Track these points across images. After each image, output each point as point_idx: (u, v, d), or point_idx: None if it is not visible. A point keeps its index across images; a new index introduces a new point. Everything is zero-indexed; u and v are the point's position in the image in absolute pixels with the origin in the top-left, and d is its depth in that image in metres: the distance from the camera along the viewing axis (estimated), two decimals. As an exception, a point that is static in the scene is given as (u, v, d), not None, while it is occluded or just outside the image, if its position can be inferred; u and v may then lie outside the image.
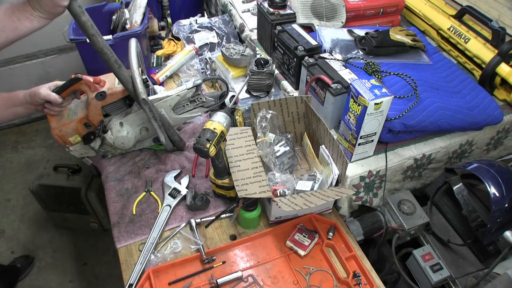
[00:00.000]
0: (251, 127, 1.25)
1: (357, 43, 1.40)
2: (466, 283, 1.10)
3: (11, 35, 0.94)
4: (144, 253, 1.07)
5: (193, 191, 1.20)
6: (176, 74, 1.69)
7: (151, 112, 1.13)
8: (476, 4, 1.53)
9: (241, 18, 1.77)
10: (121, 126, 1.22)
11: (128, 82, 1.11)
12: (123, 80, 1.10)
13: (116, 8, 1.69)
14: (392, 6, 1.59)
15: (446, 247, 1.21)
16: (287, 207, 0.98)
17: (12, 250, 2.19)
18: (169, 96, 1.18)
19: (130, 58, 1.13)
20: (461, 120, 1.20)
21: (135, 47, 1.16)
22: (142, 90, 1.09)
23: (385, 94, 1.00)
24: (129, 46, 1.16)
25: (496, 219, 1.05)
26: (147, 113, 1.13)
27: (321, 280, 1.04)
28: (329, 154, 1.15)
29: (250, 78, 1.37)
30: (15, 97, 1.18)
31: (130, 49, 1.15)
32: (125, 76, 1.10)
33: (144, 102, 1.10)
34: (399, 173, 1.24)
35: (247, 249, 1.11)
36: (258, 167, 1.11)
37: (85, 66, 1.55)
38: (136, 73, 1.10)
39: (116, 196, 1.24)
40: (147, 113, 1.13)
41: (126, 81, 1.11)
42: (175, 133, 1.27)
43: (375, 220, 1.23)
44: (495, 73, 1.34)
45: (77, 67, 2.56)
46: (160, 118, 1.16)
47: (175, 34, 1.80)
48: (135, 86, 1.10)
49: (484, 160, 1.19)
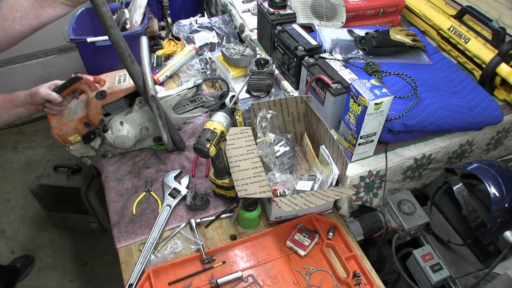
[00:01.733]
0: (251, 127, 1.25)
1: (357, 43, 1.40)
2: (466, 283, 1.10)
3: (34, 23, 0.93)
4: (144, 253, 1.07)
5: (193, 191, 1.20)
6: (176, 74, 1.69)
7: (158, 109, 1.13)
8: (476, 4, 1.53)
9: (241, 18, 1.77)
10: (121, 125, 1.22)
11: (139, 77, 1.11)
12: (135, 75, 1.10)
13: (116, 8, 1.69)
14: (392, 6, 1.59)
15: (446, 247, 1.21)
16: (287, 207, 0.98)
17: (12, 250, 2.19)
18: (170, 96, 1.18)
19: (142, 55, 1.13)
20: (461, 120, 1.20)
21: (146, 44, 1.16)
22: (152, 87, 1.10)
23: (385, 94, 1.00)
24: (140, 43, 1.17)
25: (496, 219, 1.05)
26: (153, 110, 1.13)
27: (321, 280, 1.04)
28: (329, 154, 1.15)
29: (250, 78, 1.37)
30: (16, 98, 1.17)
31: (141, 46, 1.15)
32: (137, 71, 1.10)
33: (153, 99, 1.10)
34: (399, 173, 1.24)
35: (247, 249, 1.11)
36: (258, 167, 1.11)
37: (85, 66, 1.55)
38: (147, 69, 1.10)
39: (116, 196, 1.24)
40: (154, 110, 1.13)
41: (137, 76, 1.11)
42: (176, 133, 1.27)
43: (375, 220, 1.23)
44: (495, 73, 1.34)
45: (77, 67, 2.56)
46: (165, 117, 1.16)
47: (175, 34, 1.80)
48: (146, 82, 1.10)
49: (484, 160, 1.19)
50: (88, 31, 1.57)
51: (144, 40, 1.18)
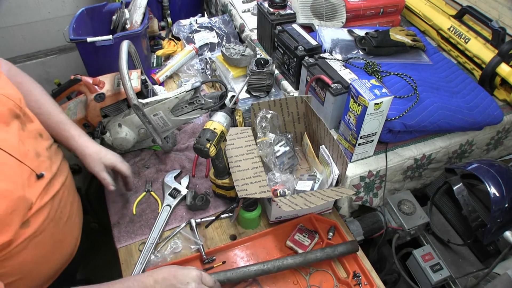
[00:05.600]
0: (251, 127, 1.25)
1: (357, 43, 1.40)
2: (466, 283, 1.10)
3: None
4: (144, 253, 1.07)
5: (193, 191, 1.20)
6: (176, 74, 1.69)
7: (144, 116, 1.12)
8: (476, 4, 1.53)
9: (241, 18, 1.77)
10: (119, 127, 1.22)
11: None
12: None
13: (116, 8, 1.68)
14: (392, 6, 1.59)
15: (446, 247, 1.21)
16: (287, 207, 0.98)
17: (12, 250, 2.18)
18: (168, 99, 1.18)
19: (120, 62, 1.08)
20: (461, 120, 1.20)
21: (125, 51, 1.11)
22: (133, 96, 1.08)
23: (385, 94, 1.00)
24: (120, 49, 1.11)
25: (496, 219, 1.05)
26: (140, 117, 1.12)
27: (321, 280, 1.04)
28: (329, 154, 1.15)
29: (250, 78, 1.37)
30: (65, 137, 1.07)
31: (120, 52, 1.10)
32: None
33: (136, 108, 1.09)
34: (399, 173, 1.24)
35: (247, 249, 1.11)
36: (258, 167, 1.11)
37: (85, 66, 1.54)
38: (126, 78, 1.07)
39: (116, 196, 1.24)
40: (140, 118, 1.12)
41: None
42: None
43: (375, 220, 1.23)
44: (495, 73, 1.34)
45: (77, 67, 2.56)
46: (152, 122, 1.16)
47: (175, 34, 1.80)
48: (126, 92, 1.08)
49: (484, 160, 1.19)
50: (88, 31, 1.57)
51: (124, 46, 1.12)
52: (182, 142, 1.41)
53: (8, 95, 0.84)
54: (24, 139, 0.85)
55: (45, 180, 0.87)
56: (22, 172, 0.81)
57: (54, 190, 0.90)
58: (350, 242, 1.07)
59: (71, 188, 1.03)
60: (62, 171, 0.97)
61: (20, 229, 0.78)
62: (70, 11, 2.30)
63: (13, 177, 0.78)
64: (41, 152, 0.89)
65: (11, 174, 0.78)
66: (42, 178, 0.86)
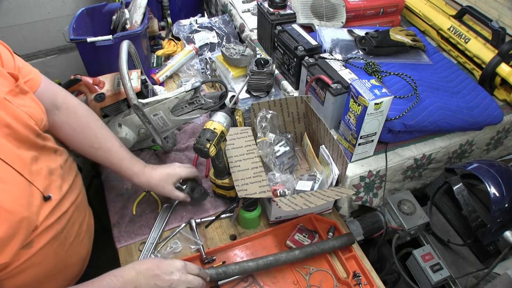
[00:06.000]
0: (251, 127, 1.25)
1: (357, 43, 1.40)
2: (466, 283, 1.10)
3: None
4: (144, 253, 1.07)
5: (194, 182, 1.18)
6: (176, 74, 1.69)
7: (144, 116, 1.12)
8: (476, 4, 1.53)
9: (241, 18, 1.77)
10: (119, 127, 1.21)
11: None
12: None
13: (116, 8, 1.68)
14: (392, 6, 1.59)
15: (446, 247, 1.21)
16: (287, 207, 0.98)
17: (12, 250, 2.18)
18: (168, 99, 1.18)
19: (120, 62, 1.08)
20: (461, 120, 1.20)
21: (125, 51, 1.11)
22: (132, 96, 1.08)
23: (385, 94, 1.00)
24: (120, 49, 1.11)
25: (496, 219, 1.05)
26: (140, 118, 1.12)
27: (321, 280, 1.04)
28: (329, 154, 1.15)
29: (250, 78, 1.37)
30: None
31: (121, 52, 1.10)
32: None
33: (136, 108, 1.09)
34: (399, 173, 1.24)
35: (247, 249, 1.11)
36: (258, 167, 1.11)
37: (85, 66, 1.54)
38: (126, 79, 1.07)
39: (116, 196, 1.24)
40: (140, 118, 1.12)
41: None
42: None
43: (375, 220, 1.23)
44: (495, 73, 1.34)
45: (77, 67, 2.56)
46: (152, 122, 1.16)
47: (175, 34, 1.80)
48: (126, 92, 1.08)
49: (484, 160, 1.19)
50: (88, 31, 1.57)
51: (124, 46, 1.12)
52: (182, 142, 1.41)
53: (30, 114, 0.81)
54: (38, 156, 0.82)
55: (53, 201, 0.83)
56: (30, 193, 0.77)
57: (62, 210, 0.86)
58: (346, 235, 1.08)
59: (82, 205, 1.00)
60: (73, 189, 0.94)
61: (21, 250, 0.75)
62: (70, 11, 2.31)
63: (19, 198, 0.74)
64: (54, 170, 0.87)
65: (18, 194, 0.74)
66: (50, 200, 0.82)
